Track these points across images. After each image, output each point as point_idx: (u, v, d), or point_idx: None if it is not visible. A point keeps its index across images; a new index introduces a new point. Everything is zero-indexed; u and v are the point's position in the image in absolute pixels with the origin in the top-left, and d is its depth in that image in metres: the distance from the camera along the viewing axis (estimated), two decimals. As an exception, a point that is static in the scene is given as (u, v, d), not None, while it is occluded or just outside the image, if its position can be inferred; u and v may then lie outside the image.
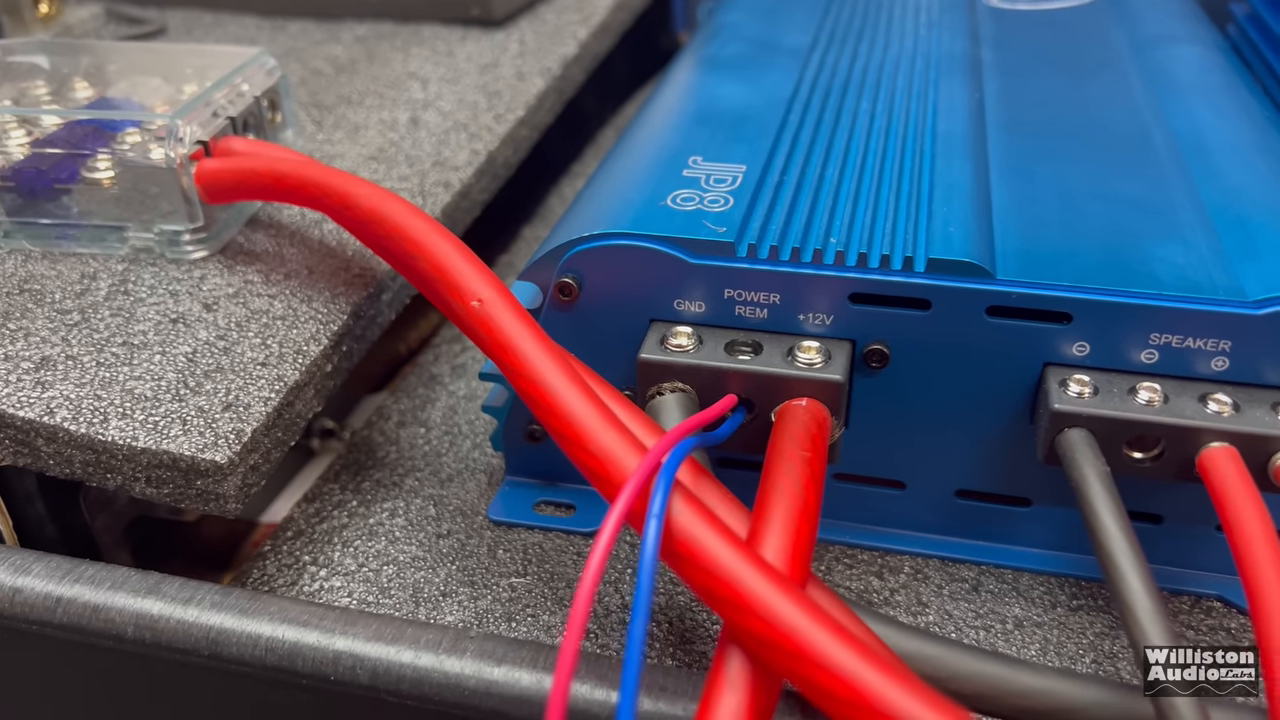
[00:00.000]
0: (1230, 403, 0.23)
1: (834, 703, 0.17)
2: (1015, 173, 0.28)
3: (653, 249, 0.25)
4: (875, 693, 0.16)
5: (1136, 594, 0.20)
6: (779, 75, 0.34)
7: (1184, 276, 0.24)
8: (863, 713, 0.16)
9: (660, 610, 0.26)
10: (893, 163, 0.29)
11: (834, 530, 0.28)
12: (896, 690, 0.16)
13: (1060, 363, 0.24)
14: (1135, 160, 0.29)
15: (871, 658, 0.17)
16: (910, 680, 0.17)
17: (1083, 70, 0.35)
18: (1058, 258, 0.24)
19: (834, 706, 0.17)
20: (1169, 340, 0.23)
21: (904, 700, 0.16)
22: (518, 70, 0.44)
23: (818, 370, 0.24)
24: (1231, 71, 0.35)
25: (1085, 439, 0.23)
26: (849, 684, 0.17)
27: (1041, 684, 0.20)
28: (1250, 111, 0.32)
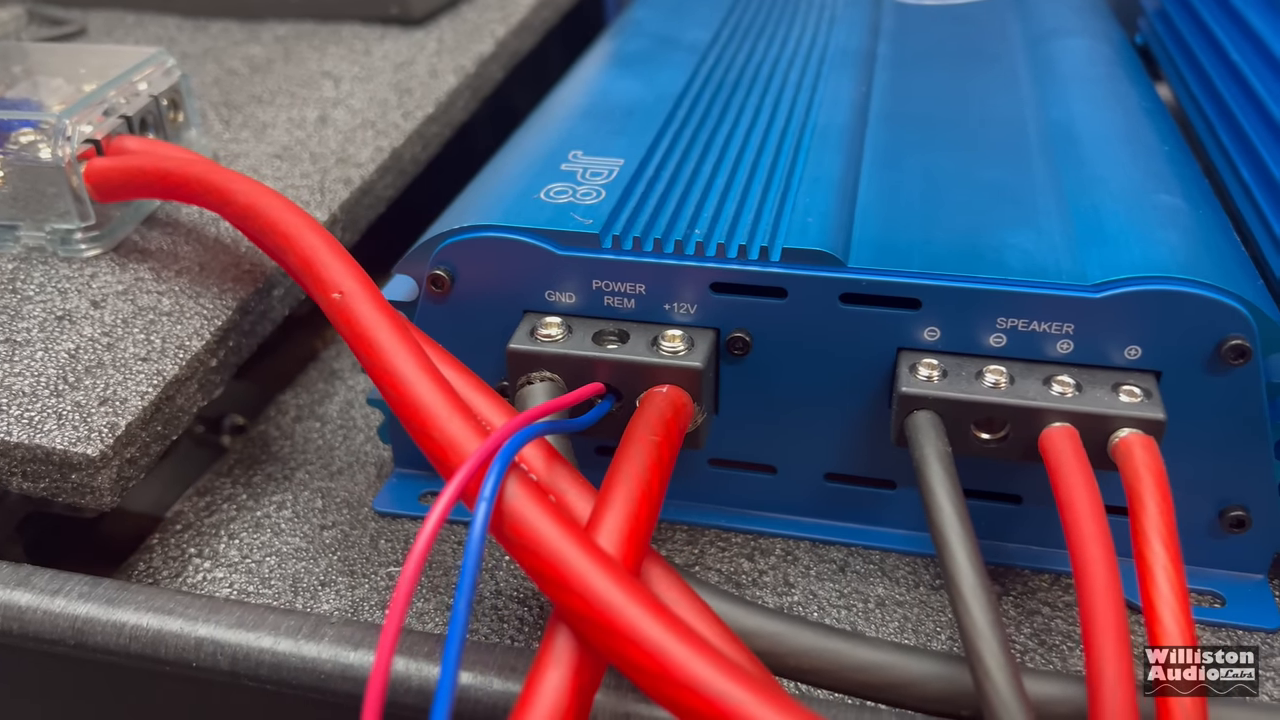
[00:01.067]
0: (1073, 384, 0.23)
1: (645, 677, 0.17)
2: (886, 163, 0.29)
3: (521, 241, 0.25)
4: (683, 668, 0.17)
5: (963, 570, 0.20)
6: (673, 71, 0.35)
7: (1031, 262, 0.24)
8: (672, 686, 0.17)
9: (534, 595, 0.26)
10: (766, 156, 0.29)
11: (709, 514, 0.28)
12: (703, 665, 0.17)
13: (912, 347, 0.25)
14: (1006, 150, 0.30)
15: (686, 636, 0.17)
16: (720, 658, 0.17)
17: (974, 63, 0.36)
18: (911, 246, 0.25)
19: (646, 681, 0.17)
20: (1015, 324, 0.24)
21: (709, 675, 0.17)
22: (432, 68, 0.45)
23: (680, 358, 0.25)
24: (1117, 64, 0.36)
25: (931, 421, 0.23)
26: (658, 659, 0.17)
27: (877, 658, 0.21)
28: (1126, 103, 0.33)
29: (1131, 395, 0.23)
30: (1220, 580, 0.26)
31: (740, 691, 0.17)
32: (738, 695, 0.17)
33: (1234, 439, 0.24)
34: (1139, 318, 0.23)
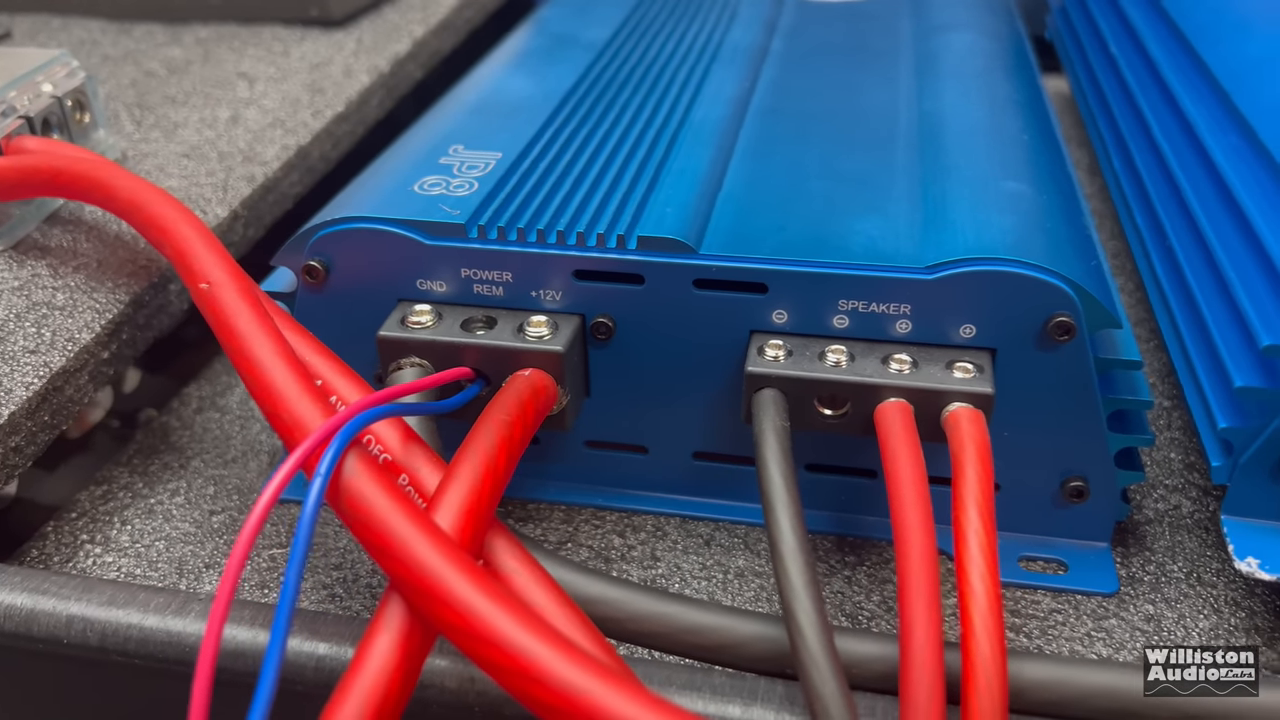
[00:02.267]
0: (910, 361, 0.25)
1: (466, 640, 0.18)
2: (756, 155, 0.30)
3: (390, 231, 0.26)
4: (499, 633, 0.18)
5: (784, 535, 0.21)
6: (565, 69, 0.36)
7: (873, 247, 0.25)
8: (488, 648, 0.18)
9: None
10: (641, 150, 0.30)
11: (586, 494, 0.30)
12: (521, 632, 0.18)
13: (763, 329, 0.26)
14: (873, 142, 0.31)
15: (506, 603, 0.18)
16: (539, 624, 0.18)
17: (860, 59, 0.37)
18: (762, 233, 0.26)
19: (468, 645, 0.18)
20: (856, 306, 0.25)
21: (524, 639, 0.18)
22: (347, 68, 0.45)
23: (543, 342, 0.26)
24: (998, 58, 0.38)
25: (773, 398, 0.24)
26: (477, 625, 0.18)
27: (709, 621, 0.22)
28: (996, 95, 0.34)
29: (964, 371, 0.24)
30: (1065, 548, 0.27)
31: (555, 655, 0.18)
32: (549, 657, 0.18)
33: (1068, 412, 0.25)
34: (971, 297, 0.24)
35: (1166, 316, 0.29)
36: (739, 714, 0.21)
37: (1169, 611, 0.26)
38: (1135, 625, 0.25)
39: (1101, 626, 0.25)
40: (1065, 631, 0.25)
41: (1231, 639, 0.25)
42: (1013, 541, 0.28)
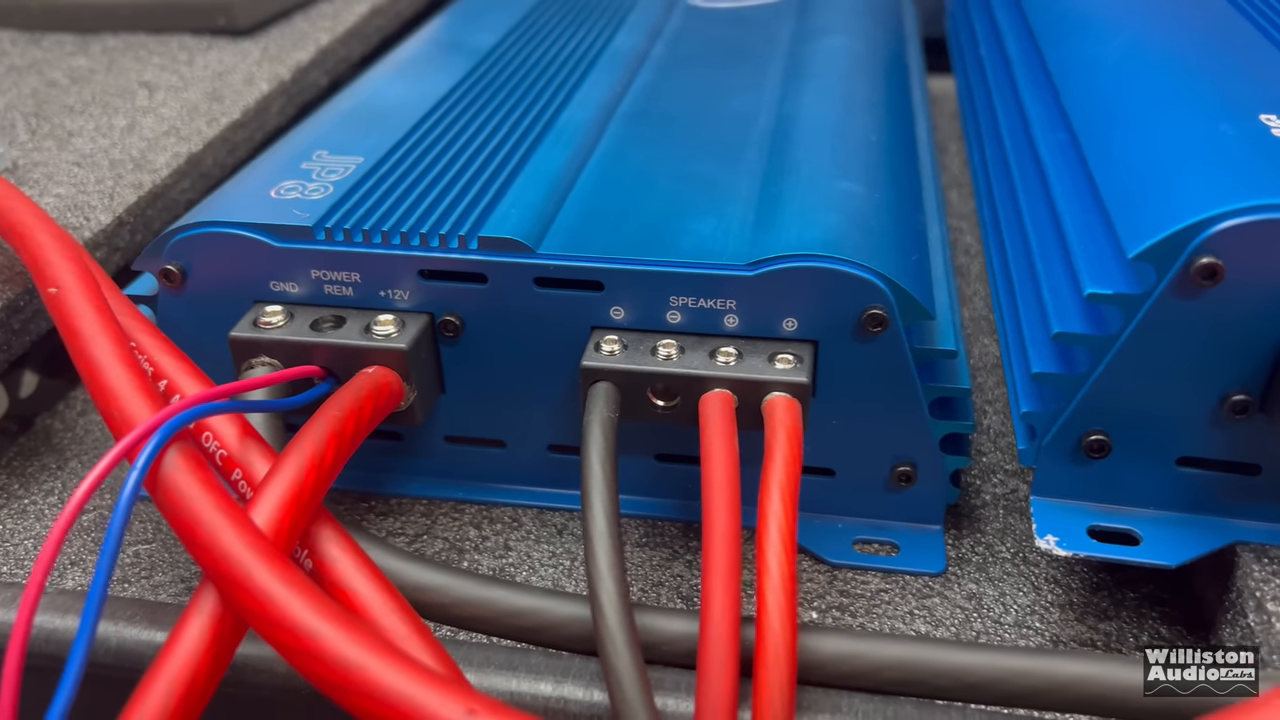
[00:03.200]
0: (735, 354, 0.26)
1: (263, 625, 0.19)
2: (613, 157, 0.31)
3: (241, 235, 0.27)
4: (288, 617, 0.19)
5: (596, 520, 0.22)
6: (444, 75, 0.37)
7: (703, 246, 0.26)
8: (281, 632, 0.19)
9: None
10: (500, 153, 0.31)
11: (447, 488, 0.31)
12: (309, 614, 0.19)
13: (602, 325, 0.27)
14: (727, 144, 0.32)
15: (301, 590, 0.19)
16: (340, 615, 0.19)
17: (734, 63, 0.39)
18: (601, 232, 0.27)
19: (265, 630, 0.19)
20: (686, 302, 0.26)
21: (316, 624, 0.19)
22: (248, 76, 0.46)
23: (389, 340, 0.27)
24: (865, 62, 0.39)
25: (604, 391, 0.26)
26: (275, 613, 0.19)
27: (529, 603, 0.23)
28: (853, 98, 0.35)
29: (785, 362, 0.25)
30: (898, 531, 0.29)
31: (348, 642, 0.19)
32: (331, 636, 0.19)
33: (891, 400, 0.27)
34: (790, 292, 0.25)
35: (998, 309, 0.30)
36: (550, 691, 0.22)
37: (991, 589, 0.27)
38: (956, 603, 0.27)
39: (924, 605, 0.27)
40: (889, 610, 0.26)
41: (1046, 614, 0.26)
42: (851, 525, 0.29)
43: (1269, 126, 0.24)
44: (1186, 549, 0.24)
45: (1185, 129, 0.25)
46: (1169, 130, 0.25)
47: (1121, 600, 0.27)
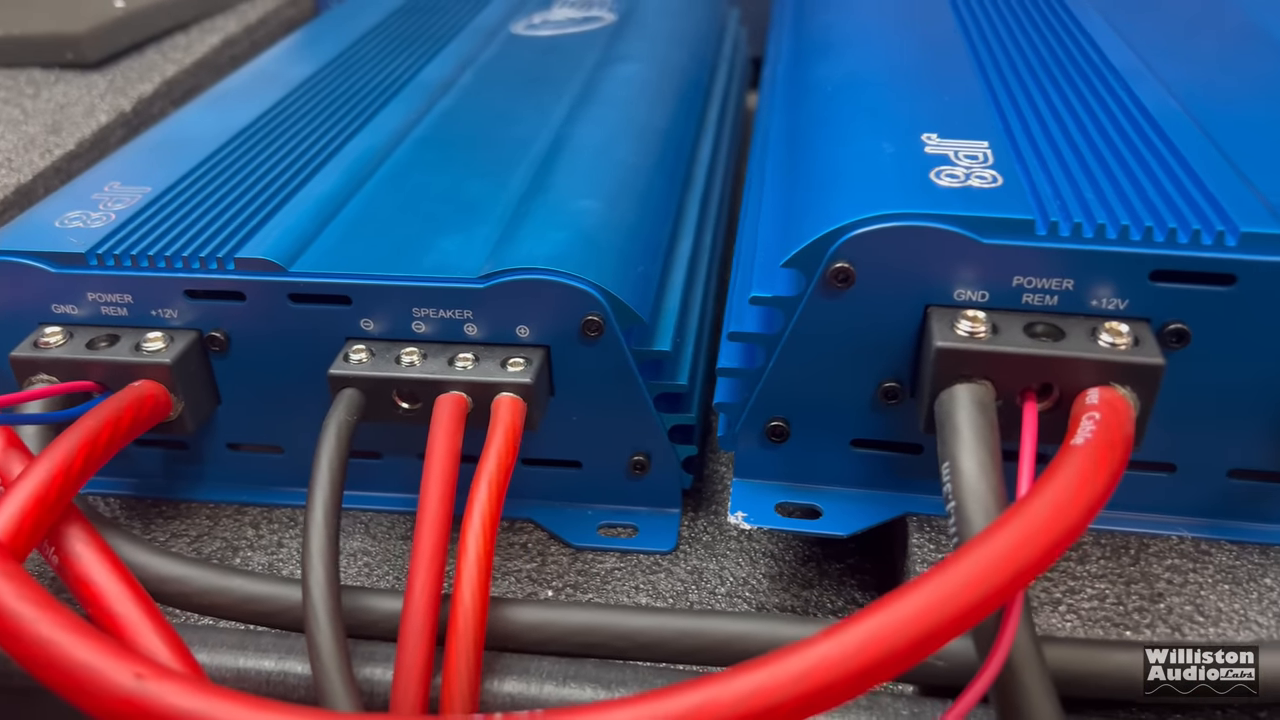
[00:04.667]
0: (473, 358, 0.28)
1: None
2: (388, 181, 0.34)
3: (23, 263, 0.29)
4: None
5: (315, 513, 0.25)
6: (249, 106, 0.39)
7: (446, 261, 0.29)
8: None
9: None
10: (282, 178, 0.34)
11: (230, 492, 0.33)
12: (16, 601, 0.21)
13: (355, 336, 0.29)
14: (500, 167, 0.35)
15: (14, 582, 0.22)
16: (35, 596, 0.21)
17: (532, 89, 0.41)
18: (355, 251, 0.30)
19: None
20: (429, 313, 0.29)
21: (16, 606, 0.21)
22: (89, 108, 0.48)
23: (155, 356, 0.29)
24: (652, 88, 0.42)
25: (348, 397, 0.28)
26: None
27: (265, 590, 0.26)
28: (625, 123, 0.38)
29: (515, 365, 0.28)
30: (639, 515, 0.31)
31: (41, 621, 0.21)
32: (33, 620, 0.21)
33: (620, 398, 0.29)
34: (518, 302, 0.28)
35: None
36: (273, 666, 0.25)
37: (713, 564, 0.30)
38: (679, 577, 0.29)
39: (649, 580, 0.29)
40: (618, 585, 0.29)
41: (757, 585, 0.29)
42: (599, 511, 0.32)
43: (925, 144, 0.27)
44: (860, 520, 0.28)
45: (854, 148, 0.28)
46: (842, 149, 0.28)
47: (826, 570, 0.30)
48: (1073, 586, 0.25)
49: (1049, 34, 0.36)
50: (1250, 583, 0.25)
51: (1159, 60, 0.34)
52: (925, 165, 0.26)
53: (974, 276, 0.25)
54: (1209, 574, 0.26)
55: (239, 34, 0.59)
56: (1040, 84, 0.32)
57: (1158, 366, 0.23)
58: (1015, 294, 0.25)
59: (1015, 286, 0.24)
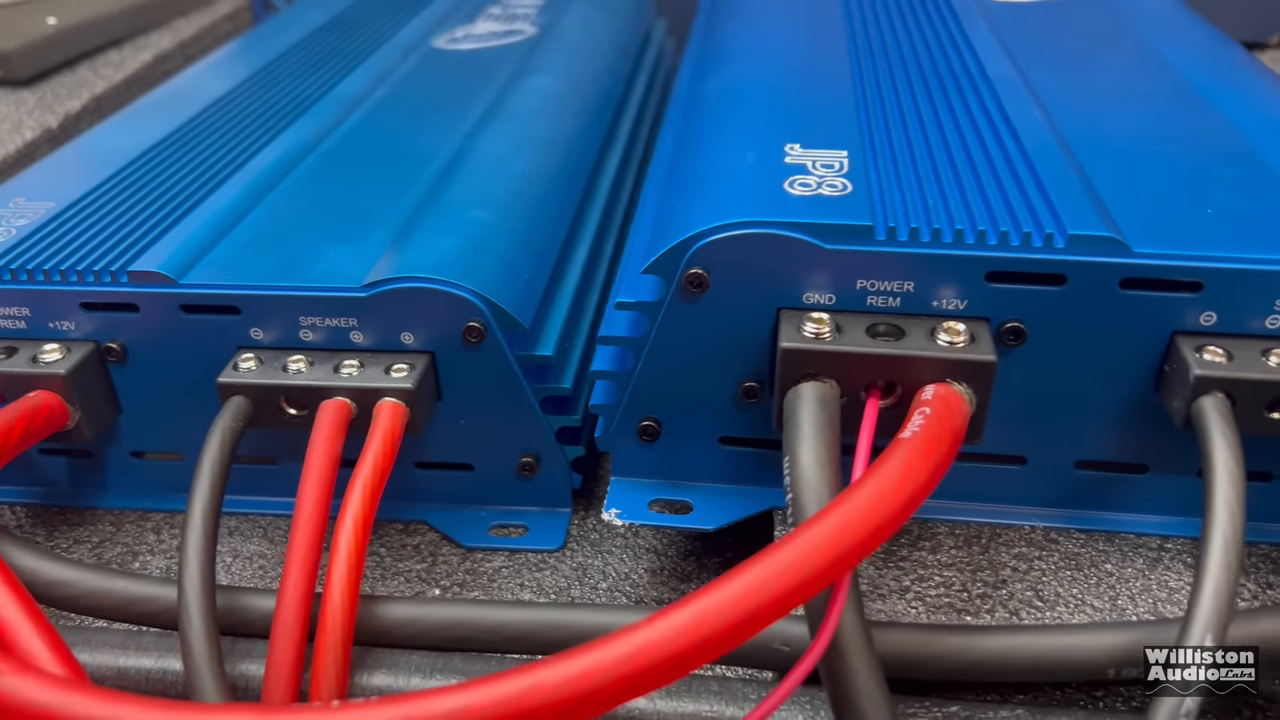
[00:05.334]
0: (358, 365, 0.29)
1: None
2: (289, 193, 0.35)
3: (-79, 277, 0.30)
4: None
5: (194, 516, 0.26)
6: (163, 122, 0.40)
7: (333, 271, 0.30)
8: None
9: None
10: (185, 192, 0.35)
11: (135, 498, 0.34)
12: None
13: (246, 345, 0.30)
14: (399, 178, 0.36)
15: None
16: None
17: (443, 102, 0.42)
18: (246, 262, 0.31)
19: None
20: (315, 321, 0.30)
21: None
22: (15, 125, 0.49)
23: (49, 367, 0.30)
24: (558, 102, 0.43)
25: (234, 404, 0.29)
26: None
27: (149, 591, 0.27)
28: (527, 136, 0.39)
29: (399, 371, 0.29)
30: (531, 514, 0.32)
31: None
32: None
33: (506, 401, 0.30)
34: (401, 310, 0.29)
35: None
36: (152, 664, 0.25)
37: (598, 561, 0.31)
38: (563, 574, 0.30)
39: (535, 577, 0.30)
40: (504, 583, 0.30)
41: (638, 580, 0.30)
42: (492, 512, 0.33)
43: (787, 154, 0.29)
44: (726, 515, 0.29)
45: (721, 158, 0.29)
46: (711, 160, 0.30)
47: (705, 564, 0.31)
48: (922, 575, 0.27)
49: (934, 45, 0.38)
50: (1091, 568, 0.27)
51: (1037, 71, 0.35)
52: (782, 175, 0.27)
53: (821, 280, 0.26)
54: (1054, 561, 0.27)
55: (173, 50, 0.59)
56: (913, 94, 0.33)
57: (990, 363, 0.24)
58: (860, 296, 0.26)
59: (860, 289, 0.26)
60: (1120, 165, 0.28)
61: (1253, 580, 0.26)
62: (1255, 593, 0.26)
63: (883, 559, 0.27)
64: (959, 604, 0.26)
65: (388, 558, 0.31)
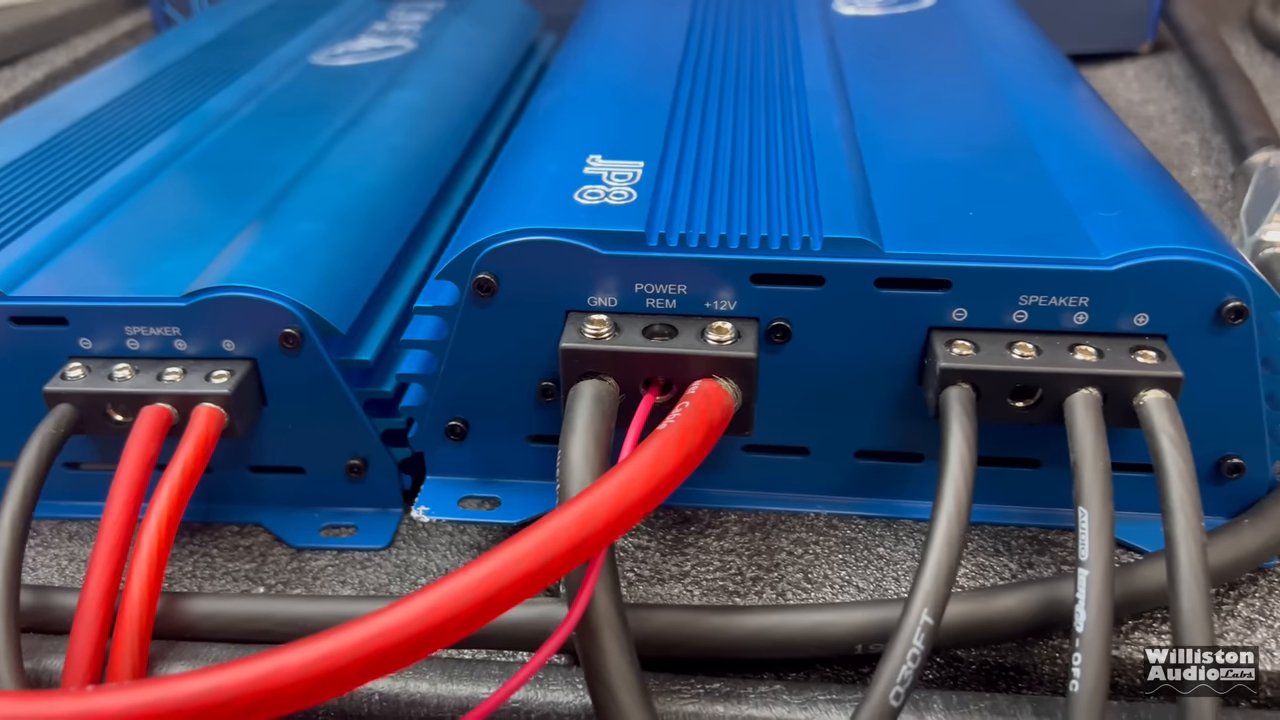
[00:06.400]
0: (182, 372, 0.30)
1: None
2: (135, 208, 0.36)
3: None
4: None
5: (3, 520, 0.27)
6: (27, 138, 0.41)
7: (158, 282, 0.31)
8: None
9: None
10: (32, 206, 0.36)
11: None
12: None
13: (76, 355, 0.31)
14: (243, 192, 0.37)
15: None
16: None
17: (305, 117, 0.43)
18: (78, 274, 0.32)
19: None
20: (140, 330, 0.31)
21: None
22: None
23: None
24: (416, 114, 0.44)
25: (58, 411, 0.30)
26: None
27: None
28: (384, 149, 0.40)
29: (219, 378, 0.30)
30: (360, 515, 0.33)
31: None
32: None
33: (329, 406, 0.31)
34: (220, 318, 0.30)
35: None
36: (-41, 662, 0.26)
37: (421, 558, 0.32)
38: (385, 570, 0.32)
39: (358, 574, 0.32)
40: (327, 581, 0.31)
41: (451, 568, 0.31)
42: (325, 513, 0.34)
43: (587, 165, 0.30)
44: (530, 509, 0.30)
45: (526, 169, 0.31)
46: (519, 170, 0.31)
47: (523, 558, 0.32)
48: (703, 560, 0.28)
49: (763, 60, 0.39)
50: (864, 551, 0.28)
51: (858, 83, 0.37)
52: (575, 185, 0.29)
53: (602, 284, 0.27)
54: (829, 545, 0.28)
55: (68, 67, 0.60)
56: (727, 107, 0.35)
57: (749, 359, 0.26)
58: (639, 299, 0.27)
59: (638, 292, 0.27)
60: (903, 172, 0.30)
61: (1014, 560, 0.28)
62: (1015, 571, 0.28)
63: (671, 546, 0.29)
64: (731, 586, 0.27)
65: (219, 558, 0.32)
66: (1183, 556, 0.23)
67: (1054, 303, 0.26)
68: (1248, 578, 0.27)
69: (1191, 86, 0.60)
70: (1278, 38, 0.62)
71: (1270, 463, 0.28)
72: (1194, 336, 0.26)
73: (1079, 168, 0.30)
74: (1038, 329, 0.26)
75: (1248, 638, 0.26)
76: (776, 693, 0.24)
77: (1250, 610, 0.27)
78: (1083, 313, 0.26)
